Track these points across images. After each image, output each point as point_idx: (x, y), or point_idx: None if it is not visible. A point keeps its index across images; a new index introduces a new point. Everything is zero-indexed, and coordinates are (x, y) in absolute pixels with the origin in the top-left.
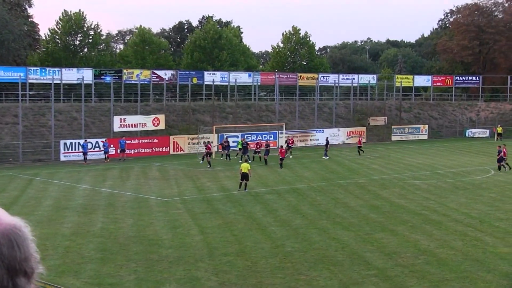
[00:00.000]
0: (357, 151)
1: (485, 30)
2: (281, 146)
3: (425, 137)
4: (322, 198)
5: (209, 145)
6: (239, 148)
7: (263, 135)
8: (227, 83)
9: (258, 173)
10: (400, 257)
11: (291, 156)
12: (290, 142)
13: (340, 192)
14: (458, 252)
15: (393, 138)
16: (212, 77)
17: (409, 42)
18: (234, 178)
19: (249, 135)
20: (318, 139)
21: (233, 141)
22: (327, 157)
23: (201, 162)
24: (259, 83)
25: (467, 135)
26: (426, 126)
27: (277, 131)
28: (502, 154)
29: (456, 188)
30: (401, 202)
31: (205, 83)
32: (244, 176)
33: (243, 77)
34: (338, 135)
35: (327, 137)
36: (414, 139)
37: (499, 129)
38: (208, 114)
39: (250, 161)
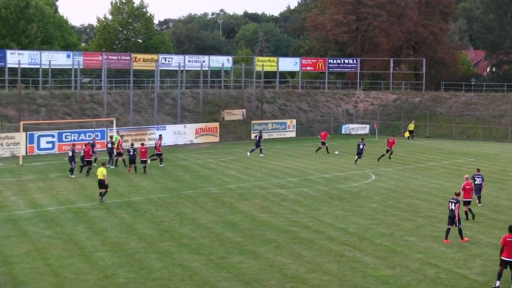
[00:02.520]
0: (326, 148)
1: (362, 2)
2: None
3: (293, 134)
4: (165, 213)
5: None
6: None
7: (87, 134)
8: (38, 66)
9: (79, 183)
10: (263, 285)
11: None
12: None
13: (188, 205)
14: (333, 277)
15: (254, 136)
16: (17, 58)
17: (272, 15)
18: (48, 190)
19: (69, 134)
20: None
21: (47, 142)
22: (263, 155)
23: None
24: (81, 66)
25: (343, 131)
26: (294, 120)
27: (105, 129)
28: (362, 147)
29: (330, 198)
30: (263, 217)
31: (8, 65)
32: (100, 184)
33: (59, 59)
34: (184, 133)
35: (260, 131)
36: (280, 137)
37: (411, 126)
38: (12, 107)
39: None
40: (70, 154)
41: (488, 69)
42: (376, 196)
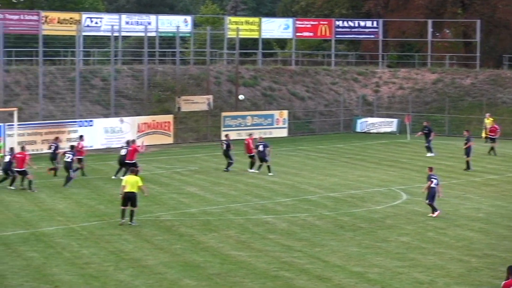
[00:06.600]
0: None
1: None
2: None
3: (284, 132)
4: (93, 251)
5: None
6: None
7: None
8: None
9: None
10: None
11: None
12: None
13: (127, 238)
14: None
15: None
16: None
17: None
18: None
19: None
20: (83, 137)
21: None
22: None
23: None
24: None
25: (358, 128)
26: (286, 112)
27: (2, 125)
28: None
29: (340, 228)
30: (241, 256)
31: None
32: (130, 198)
33: None
34: (120, 131)
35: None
36: (265, 137)
37: (488, 121)
38: None
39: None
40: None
41: None
42: (409, 226)
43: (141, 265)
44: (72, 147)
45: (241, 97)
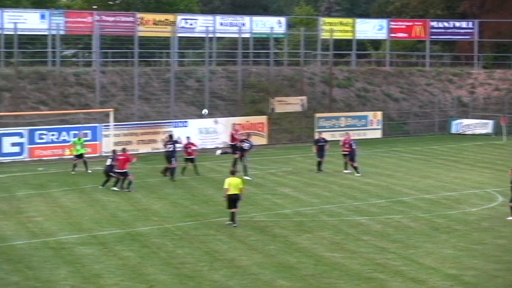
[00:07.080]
0: None
1: None
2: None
3: (378, 134)
4: (187, 251)
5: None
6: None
7: (72, 132)
8: None
9: (60, 205)
10: None
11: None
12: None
13: (221, 239)
14: None
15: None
16: None
17: None
18: (15, 215)
19: (45, 132)
20: (179, 139)
21: (13, 144)
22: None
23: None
24: (62, 32)
25: (453, 130)
26: (380, 114)
27: (98, 125)
28: None
29: (434, 230)
30: (335, 258)
31: None
32: (233, 201)
33: (30, 20)
34: (215, 132)
35: None
36: (359, 138)
37: None
38: None
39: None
40: (109, 163)
41: None
42: (505, 228)
43: (235, 265)
44: (170, 136)
45: (204, 111)
